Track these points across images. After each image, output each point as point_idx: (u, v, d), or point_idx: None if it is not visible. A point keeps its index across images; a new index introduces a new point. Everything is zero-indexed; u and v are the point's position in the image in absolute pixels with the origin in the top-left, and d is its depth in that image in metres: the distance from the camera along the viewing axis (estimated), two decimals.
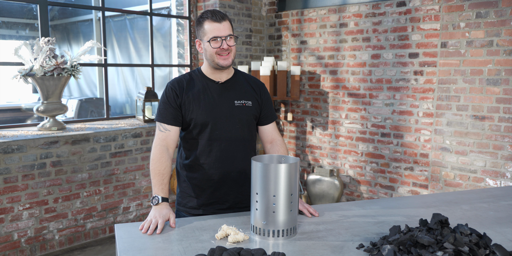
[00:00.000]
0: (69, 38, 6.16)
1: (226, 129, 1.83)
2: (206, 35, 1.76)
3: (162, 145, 1.79)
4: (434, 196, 1.98)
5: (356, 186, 4.08)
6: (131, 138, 3.55)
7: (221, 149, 1.83)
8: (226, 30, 1.76)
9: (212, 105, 1.82)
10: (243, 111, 1.86)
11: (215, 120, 1.81)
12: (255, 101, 1.91)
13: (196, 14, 4.25)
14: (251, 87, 1.93)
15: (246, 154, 1.88)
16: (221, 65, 1.78)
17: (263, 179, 1.42)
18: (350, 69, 3.97)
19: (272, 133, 1.97)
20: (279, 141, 1.96)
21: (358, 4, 3.84)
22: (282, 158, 1.56)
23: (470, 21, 3.23)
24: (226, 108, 1.83)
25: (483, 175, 3.28)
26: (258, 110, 1.92)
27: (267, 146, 1.98)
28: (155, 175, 1.74)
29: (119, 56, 5.57)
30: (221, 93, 1.85)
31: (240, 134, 1.86)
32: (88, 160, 3.33)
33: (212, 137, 1.82)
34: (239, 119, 1.85)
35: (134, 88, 5.52)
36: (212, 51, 1.76)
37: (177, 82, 1.85)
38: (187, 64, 4.32)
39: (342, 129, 4.11)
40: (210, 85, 1.86)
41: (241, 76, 1.95)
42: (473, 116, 3.29)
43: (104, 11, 3.64)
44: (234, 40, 1.80)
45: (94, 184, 3.39)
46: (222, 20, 1.75)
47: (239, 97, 1.87)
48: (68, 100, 5.20)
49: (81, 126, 3.52)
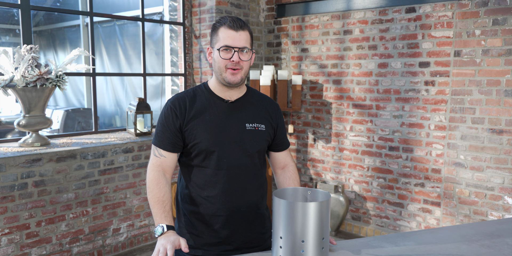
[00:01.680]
0: (55, 45, 5.86)
1: (236, 157, 1.57)
2: (218, 42, 1.54)
3: (157, 170, 1.56)
4: (471, 228, 1.74)
5: (362, 203, 3.84)
6: (121, 153, 3.27)
7: (229, 180, 1.57)
8: (242, 41, 1.52)
9: (219, 128, 1.56)
10: (256, 136, 1.60)
11: (222, 147, 1.56)
12: (269, 124, 1.66)
13: (190, 20, 4.00)
14: (265, 109, 1.67)
15: (257, 186, 1.63)
16: (228, 81, 1.54)
17: (289, 221, 1.16)
18: (355, 79, 3.75)
19: (285, 160, 1.75)
20: (291, 167, 1.74)
21: (363, 10, 3.63)
22: (308, 192, 1.31)
23: (486, 28, 3.02)
24: (236, 133, 1.58)
25: (501, 192, 3.07)
26: (272, 135, 1.67)
27: (277, 172, 1.76)
28: (155, 203, 1.49)
29: (108, 64, 5.28)
30: (231, 114, 1.59)
31: (251, 163, 1.60)
32: (75, 179, 3.04)
33: (218, 166, 1.56)
34: (251, 145, 1.59)
35: (124, 97, 5.23)
36: (221, 62, 1.53)
37: (178, 100, 1.60)
38: (181, 73, 4.07)
39: (346, 142, 3.88)
40: (217, 104, 1.60)
41: (254, 95, 1.69)
42: (490, 130, 3.08)
43: (92, 17, 3.37)
44: (249, 55, 1.55)
45: (81, 205, 3.10)
46: (239, 29, 1.52)
47: (251, 120, 1.61)
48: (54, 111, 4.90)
49: (67, 141, 3.24)
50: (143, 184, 3.44)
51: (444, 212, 3.36)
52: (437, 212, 3.41)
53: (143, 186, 3.44)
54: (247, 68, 1.56)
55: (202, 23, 3.92)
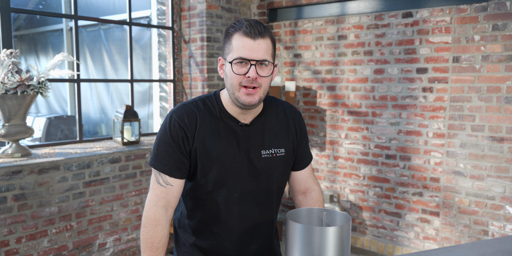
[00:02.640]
0: (37, 50, 5.64)
1: (249, 190, 1.34)
2: (231, 53, 1.25)
3: (159, 205, 1.29)
4: (489, 245, 1.63)
5: (357, 213, 3.73)
6: (108, 164, 3.10)
7: (240, 217, 1.34)
8: (261, 51, 1.22)
9: (231, 157, 1.31)
10: (273, 164, 1.36)
11: (234, 179, 1.31)
12: (290, 145, 1.41)
13: (180, 24, 3.86)
14: (285, 124, 1.41)
15: (271, 221, 1.42)
16: (242, 103, 1.25)
17: (305, 247, 1.03)
18: (350, 85, 3.65)
19: (307, 181, 1.48)
20: (314, 192, 1.47)
21: (358, 14, 3.53)
22: (324, 213, 1.18)
23: (486, 33, 2.95)
24: (250, 162, 1.33)
25: (503, 202, 2.99)
26: (293, 157, 1.43)
27: (298, 198, 1.49)
28: (146, 249, 1.26)
29: (93, 69, 5.10)
30: (245, 139, 1.34)
31: (265, 196, 1.37)
32: (58, 192, 2.86)
33: (228, 201, 1.33)
34: (267, 175, 1.35)
35: (110, 104, 5.05)
36: (234, 78, 1.24)
37: (186, 115, 1.31)
38: (170, 79, 3.92)
39: (341, 150, 3.77)
40: (231, 126, 1.33)
41: (271, 108, 1.42)
42: (490, 137, 3.00)
43: (77, 20, 3.21)
44: (270, 69, 1.26)
45: (64, 219, 2.92)
46: (258, 37, 1.22)
47: (268, 145, 1.36)
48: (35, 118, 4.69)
49: (49, 151, 3.05)
50: (131, 195, 3.27)
51: (443, 222, 3.27)
52: (436, 222, 3.31)
53: (131, 197, 3.27)
54: (267, 85, 1.27)
55: (192, 27, 3.78)
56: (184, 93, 3.95)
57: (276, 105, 1.45)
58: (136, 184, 3.29)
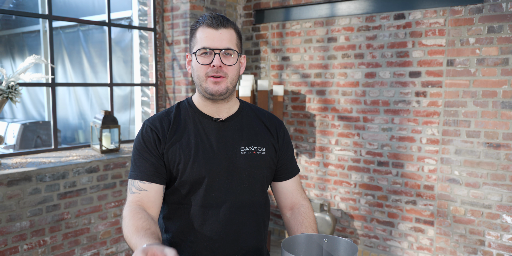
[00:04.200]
0: (13, 53, 5.39)
1: (228, 190, 1.24)
2: (195, 45, 1.26)
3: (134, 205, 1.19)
4: None
5: (349, 222, 3.58)
6: (85, 173, 2.90)
7: (220, 220, 1.23)
8: (224, 40, 1.22)
9: (207, 154, 1.24)
10: (254, 162, 1.28)
11: (212, 177, 1.23)
12: (271, 146, 1.33)
13: (162, 26, 3.68)
14: (264, 127, 1.35)
15: (256, 227, 1.29)
16: (210, 92, 1.24)
17: None
18: (341, 89, 3.51)
19: (294, 194, 1.37)
20: (303, 207, 1.35)
21: (348, 16, 3.40)
22: (325, 240, 1.02)
23: (481, 36, 2.85)
24: (228, 159, 1.26)
25: (499, 210, 2.87)
26: (275, 159, 1.34)
27: (286, 214, 1.38)
28: (133, 232, 1.08)
29: (71, 72, 4.88)
30: (221, 135, 1.28)
31: (248, 197, 1.27)
32: (30, 205, 2.65)
33: (206, 202, 1.23)
34: (248, 174, 1.27)
35: (89, 109, 4.83)
36: (200, 69, 1.23)
37: (158, 119, 1.29)
38: (152, 83, 3.73)
39: (331, 157, 3.62)
40: (205, 124, 1.29)
41: (250, 111, 1.37)
42: (486, 144, 2.89)
43: (51, 20, 3.01)
44: (235, 58, 1.25)
45: (37, 234, 2.71)
46: (220, 27, 1.22)
47: (247, 142, 1.29)
48: (9, 124, 4.44)
49: (21, 160, 2.84)
50: (110, 207, 3.07)
51: (438, 232, 3.15)
52: (430, 231, 3.19)
53: (110, 209, 3.07)
54: (234, 75, 1.26)
55: (175, 28, 3.61)
56: (167, 98, 3.77)
57: (255, 109, 1.41)
58: (116, 194, 3.09)
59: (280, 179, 1.38)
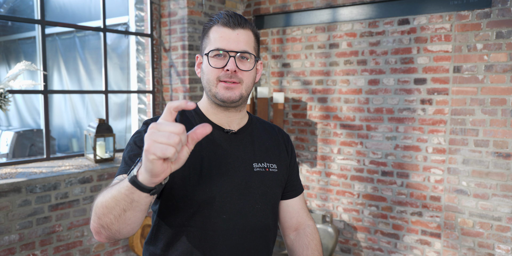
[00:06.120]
0: (9, 59, 5.29)
1: (241, 211, 1.09)
2: (208, 46, 1.11)
3: None
4: None
5: (352, 233, 3.46)
6: (77, 184, 2.79)
7: (231, 246, 1.08)
8: (241, 42, 1.08)
9: (218, 170, 1.08)
10: (267, 181, 1.14)
11: (223, 197, 1.07)
12: (282, 163, 1.19)
13: (159, 32, 3.59)
14: (274, 141, 1.21)
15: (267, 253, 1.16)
16: (221, 99, 1.10)
17: None
18: (343, 97, 3.41)
19: (299, 213, 1.24)
20: (309, 228, 1.23)
21: (351, 21, 3.31)
22: None
23: (489, 42, 2.75)
24: (241, 176, 1.10)
25: (510, 223, 2.75)
26: (286, 177, 1.21)
27: (289, 237, 1.24)
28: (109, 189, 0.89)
29: (67, 79, 4.78)
30: (234, 149, 1.13)
31: (260, 220, 1.12)
32: (19, 217, 2.53)
33: (216, 224, 1.07)
34: (261, 193, 1.12)
35: (85, 116, 4.73)
36: (211, 72, 1.09)
37: None
38: (149, 90, 3.63)
39: (334, 166, 3.51)
40: (215, 134, 1.14)
41: (258, 123, 1.24)
42: (495, 153, 2.78)
43: (44, 26, 2.91)
44: (251, 63, 1.10)
45: (27, 248, 2.59)
46: (238, 27, 1.08)
47: (260, 158, 1.15)
48: (3, 132, 4.33)
49: (11, 170, 2.73)
50: None
51: (445, 245, 3.02)
52: (437, 244, 3.06)
53: None
54: (249, 82, 1.11)
55: (173, 34, 3.51)
56: (164, 105, 3.66)
57: (263, 122, 1.27)
58: None
59: (286, 197, 1.25)
